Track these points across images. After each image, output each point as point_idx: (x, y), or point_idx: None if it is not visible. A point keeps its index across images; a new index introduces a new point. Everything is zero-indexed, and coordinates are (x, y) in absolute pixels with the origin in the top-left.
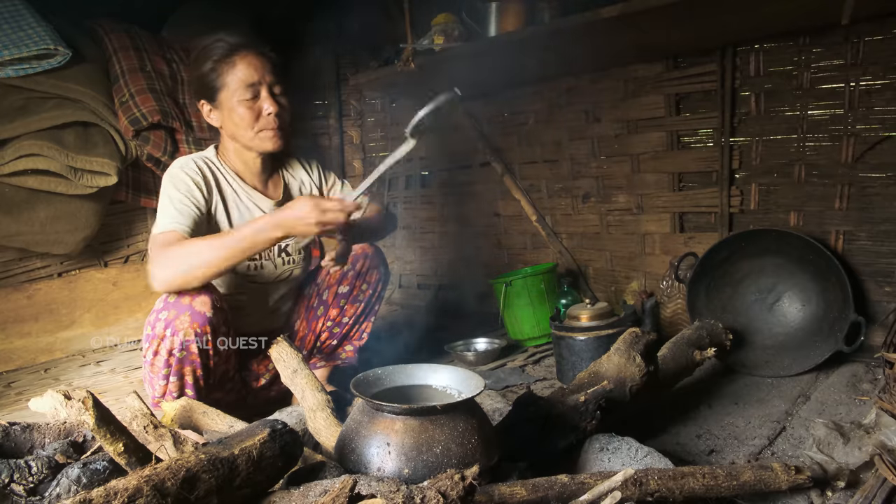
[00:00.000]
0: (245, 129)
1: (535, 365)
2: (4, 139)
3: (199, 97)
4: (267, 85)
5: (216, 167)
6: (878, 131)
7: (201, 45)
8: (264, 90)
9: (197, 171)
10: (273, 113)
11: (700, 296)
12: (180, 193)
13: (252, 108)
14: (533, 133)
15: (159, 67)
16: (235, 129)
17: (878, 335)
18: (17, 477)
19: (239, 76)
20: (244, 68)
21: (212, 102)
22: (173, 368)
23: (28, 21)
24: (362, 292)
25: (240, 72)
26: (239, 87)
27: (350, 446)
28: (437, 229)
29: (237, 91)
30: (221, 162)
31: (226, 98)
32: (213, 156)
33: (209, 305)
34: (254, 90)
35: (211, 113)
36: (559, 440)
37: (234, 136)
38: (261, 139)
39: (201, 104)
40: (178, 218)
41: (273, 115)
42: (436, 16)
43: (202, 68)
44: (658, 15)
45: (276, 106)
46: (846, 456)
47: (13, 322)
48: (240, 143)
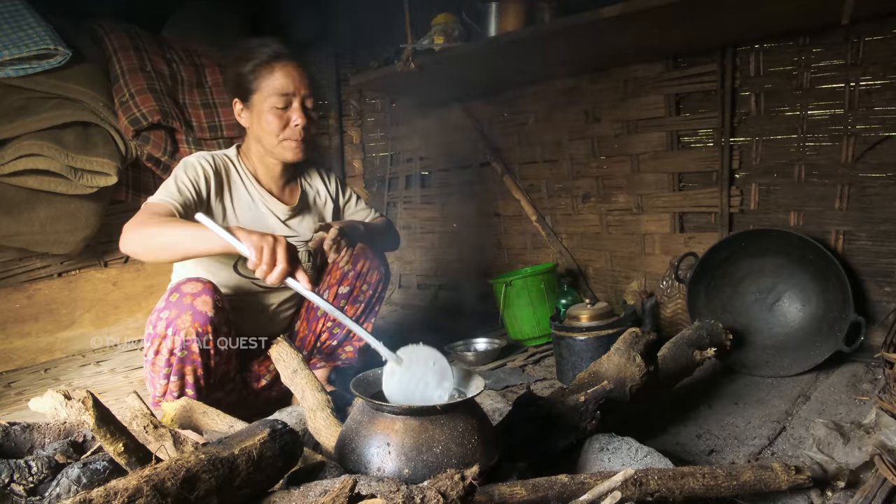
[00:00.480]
0: (271, 136)
1: (535, 365)
2: (4, 139)
3: (234, 95)
4: (300, 97)
5: (234, 166)
6: (878, 131)
7: (245, 45)
8: (296, 101)
9: (211, 165)
10: (301, 125)
11: (700, 296)
12: (186, 177)
13: (281, 116)
14: (533, 133)
15: (159, 67)
16: (262, 133)
17: (878, 335)
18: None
19: (275, 83)
20: (281, 77)
21: (244, 102)
22: (174, 368)
23: (28, 21)
24: (362, 293)
25: (276, 79)
26: (273, 94)
27: (350, 446)
28: (437, 229)
29: (270, 97)
30: (241, 162)
31: (258, 101)
32: (233, 155)
33: (211, 305)
34: (286, 99)
35: (242, 112)
36: (559, 440)
37: (259, 139)
38: (283, 148)
39: (234, 102)
40: (175, 195)
41: (300, 127)
42: (436, 16)
43: (241, 68)
44: (658, 15)
45: (304, 119)
46: (846, 456)
47: (13, 322)
48: (263, 148)
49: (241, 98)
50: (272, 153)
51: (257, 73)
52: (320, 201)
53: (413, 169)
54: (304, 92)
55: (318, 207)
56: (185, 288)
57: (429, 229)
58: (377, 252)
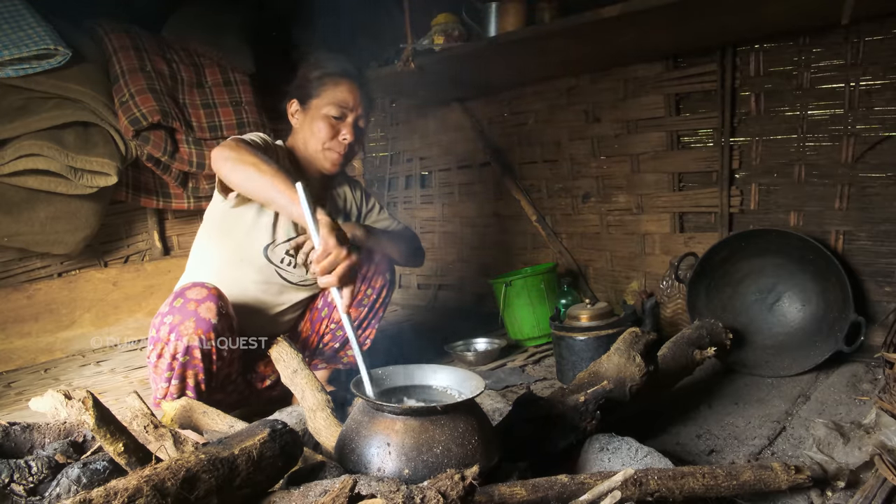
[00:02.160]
0: (316, 141)
1: (535, 365)
2: (4, 139)
3: (294, 96)
4: (355, 115)
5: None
6: (878, 131)
7: (323, 55)
8: (350, 117)
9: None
10: (347, 140)
11: (700, 296)
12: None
13: (333, 126)
14: (533, 133)
15: (159, 67)
16: (310, 136)
17: (878, 335)
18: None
19: (337, 95)
20: (344, 91)
21: (302, 105)
22: (175, 372)
23: (28, 21)
24: (367, 297)
25: (339, 92)
26: (331, 104)
27: (350, 446)
28: (437, 229)
29: (328, 105)
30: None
31: (316, 106)
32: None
33: (214, 312)
34: (342, 112)
35: (296, 113)
36: (559, 440)
37: (305, 141)
38: (324, 156)
39: (291, 102)
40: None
41: (346, 143)
42: (436, 16)
43: (310, 74)
44: (658, 15)
45: (352, 136)
46: (846, 456)
47: (13, 322)
48: (307, 152)
49: (300, 100)
50: (313, 159)
51: (324, 81)
52: (347, 207)
53: (413, 169)
54: (360, 112)
55: (343, 214)
56: (190, 293)
57: (429, 229)
58: (389, 259)
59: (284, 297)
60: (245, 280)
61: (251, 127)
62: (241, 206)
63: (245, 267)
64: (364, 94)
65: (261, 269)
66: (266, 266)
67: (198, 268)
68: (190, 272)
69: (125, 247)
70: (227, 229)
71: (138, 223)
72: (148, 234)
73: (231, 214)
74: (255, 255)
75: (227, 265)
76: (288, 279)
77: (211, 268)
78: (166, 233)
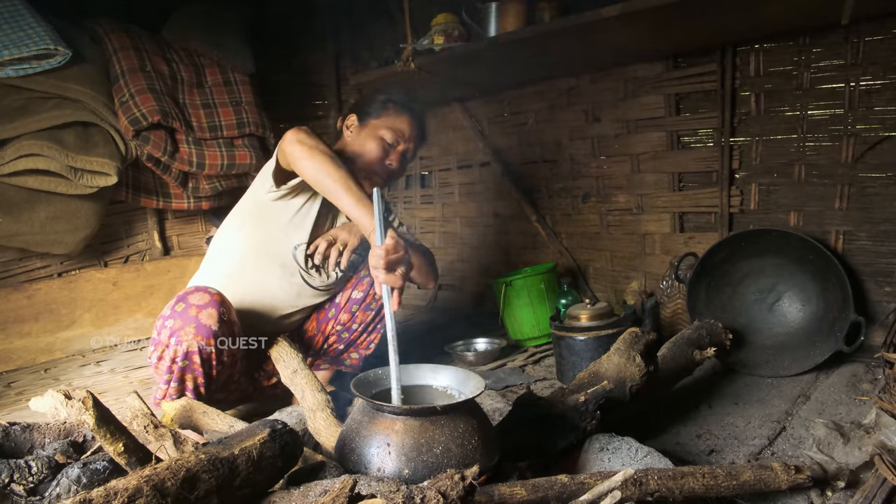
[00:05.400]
0: (365, 159)
1: (535, 365)
2: (4, 139)
3: (355, 111)
4: (406, 145)
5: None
6: (878, 131)
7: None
8: (401, 146)
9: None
10: (392, 167)
11: (700, 296)
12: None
13: (384, 149)
14: (533, 133)
15: (159, 67)
16: (360, 149)
17: (878, 335)
18: (17, 477)
19: (396, 122)
20: (403, 122)
21: (360, 121)
22: (175, 375)
23: (28, 21)
24: (375, 300)
25: (399, 121)
26: (388, 128)
27: (350, 446)
28: (437, 229)
29: (385, 130)
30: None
31: (374, 126)
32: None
33: (216, 318)
34: (395, 139)
35: (352, 126)
36: (559, 440)
37: (355, 155)
38: (367, 173)
39: (351, 116)
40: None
41: (390, 168)
42: (436, 16)
43: (377, 96)
44: (658, 15)
45: (398, 164)
46: (846, 456)
47: (13, 322)
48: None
49: (360, 115)
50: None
51: (388, 106)
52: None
53: (413, 169)
54: (412, 145)
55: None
56: (192, 299)
57: (429, 229)
58: None
59: (301, 300)
60: (266, 275)
61: (251, 127)
62: (283, 200)
63: (269, 262)
64: (419, 131)
65: (286, 266)
66: (291, 264)
67: (219, 258)
68: (210, 261)
69: (125, 247)
70: (261, 221)
71: (138, 223)
72: (148, 234)
73: (270, 207)
74: (284, 252)
75: (252, 257)
76: (310, 283)
77: (234, 258)
78: (166, 233)
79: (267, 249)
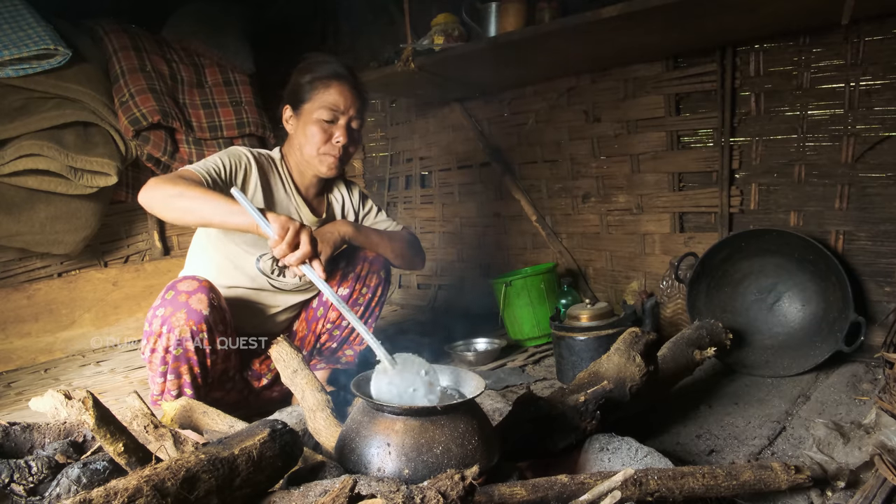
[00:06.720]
0: (311, 147)
1: (535, 365)
2: (4, 139)
3: (286, 102)
4: (347, 117)
5: (276, 168)
6: (878, 131)
7: (311, 59)
8: (343, 120)
9: (254, 162)
10: (342, 143)
11: (700, 296)
12: (228, 161)
13: (326, 130)
14: (533, 133)
15: (159, 67)
16: (304, 142)
17: (878, 335)
18: (17, 477)
19: (327, 98)
20: (335, 93)
21: (294, 110)
22: (170, 366)
23: (28, 21)
24: (362, 296)
25: (330, 95)
26: (323, 107)
27: (350, 446)
28: (437, 229)
29: (320, 109)
30: (283, 166)
31: (308, 111)
32: (277, 158)
33: (206, 303)
34: (334, 115)
35: (290, 119)
36: (559, 440)
37: (300, 147)
38: (320, 161)
39: (285, 108)
40: (211, 171)
41: (340, 145)
42: (436, 16)
43: (301, 78)
44: (658, 15)
45: (346, 138)
46: (846, 456)
47: (13, 322)
48: (302, 157)
49: (292, 105)
50: (309, 164)
51: (314, 85)
52: (346, 212)
53: (413, 169)
54: (353, 114)
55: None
56: (181, 286)
57: (428, 229)
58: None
59: (280, 299)
60: (239, 289)
61: (251, 127)
62: None
63: (239, 276)
64: (356, 95)
65: (253, 278)
66: (258, 276)
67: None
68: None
69: (125, 247)
70: (220, 241)
71: (138, 223)
72: (148, 234)
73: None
74: (249, 265)
75: (222, 275)
76: (281, 288)
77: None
78: (166, 233)
79: (235, 264)
